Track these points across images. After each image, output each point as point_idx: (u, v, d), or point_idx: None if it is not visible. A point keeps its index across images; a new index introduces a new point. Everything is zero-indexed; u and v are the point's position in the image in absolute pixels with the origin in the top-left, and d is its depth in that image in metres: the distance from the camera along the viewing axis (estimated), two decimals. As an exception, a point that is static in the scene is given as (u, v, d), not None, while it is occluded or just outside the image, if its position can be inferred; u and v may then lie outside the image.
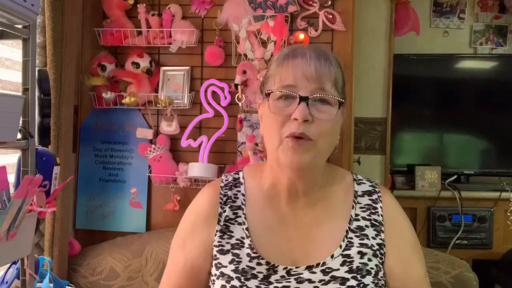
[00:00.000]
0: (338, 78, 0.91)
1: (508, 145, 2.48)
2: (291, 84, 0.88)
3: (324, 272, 0.89)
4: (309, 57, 0.88)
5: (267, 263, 0.91)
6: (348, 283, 0.88)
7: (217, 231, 0.96)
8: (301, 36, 1.64)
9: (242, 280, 0.89)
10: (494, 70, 2.55)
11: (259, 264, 0.91)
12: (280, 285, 0.89)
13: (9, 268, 1.12)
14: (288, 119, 0.87)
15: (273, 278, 0.89)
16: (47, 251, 1.47)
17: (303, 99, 0.86)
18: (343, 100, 0.90)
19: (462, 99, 2.49)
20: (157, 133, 1.73)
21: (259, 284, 0.89)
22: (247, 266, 0.91)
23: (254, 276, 0.90)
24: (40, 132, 1.06)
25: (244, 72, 1.62)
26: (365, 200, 0.98)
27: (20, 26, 0.90)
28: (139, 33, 1.72)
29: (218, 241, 0.95)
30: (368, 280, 0.88)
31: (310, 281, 0.89)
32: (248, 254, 0.92)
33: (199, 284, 0.98)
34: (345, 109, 0.95)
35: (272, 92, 0.89)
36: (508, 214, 2.22)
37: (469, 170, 2.49)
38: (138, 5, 1.70)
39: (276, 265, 0.90)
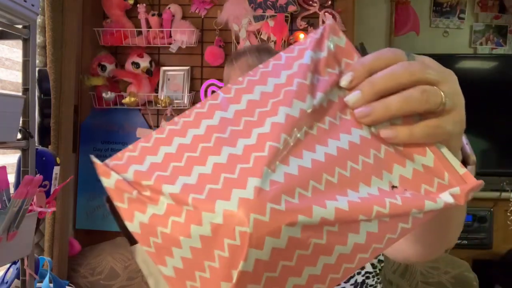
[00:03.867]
0: None
1: (508, 145, 2.48)
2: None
3: None
4: (249, 52, 0.96)
5: None
6: None
7: None
8: (301, 36, 1.63)
9: None
10: (494, 70, 2.55)
11: None
12: None
13: (9, 268, 1.12)
14: None
15: None
16: (47, 251, 1.47)
17: None
18: None
19: (462, 99, 2.49)
20: (157, 133, 1.73)
21: None
22: None
23: None
24: (40, 132, 1.06)
25: (244, 72, 1.63)
26: None
27: (20, 26, 0.90)
28: (139, 33, 1.72)
29: None
30: None
31: None
32: None
33: None
34: None
35: None
36: (508, 214, 2.22)
37: (469, 170, 2.49)
38: (138, 5, 1.70)
39: None
